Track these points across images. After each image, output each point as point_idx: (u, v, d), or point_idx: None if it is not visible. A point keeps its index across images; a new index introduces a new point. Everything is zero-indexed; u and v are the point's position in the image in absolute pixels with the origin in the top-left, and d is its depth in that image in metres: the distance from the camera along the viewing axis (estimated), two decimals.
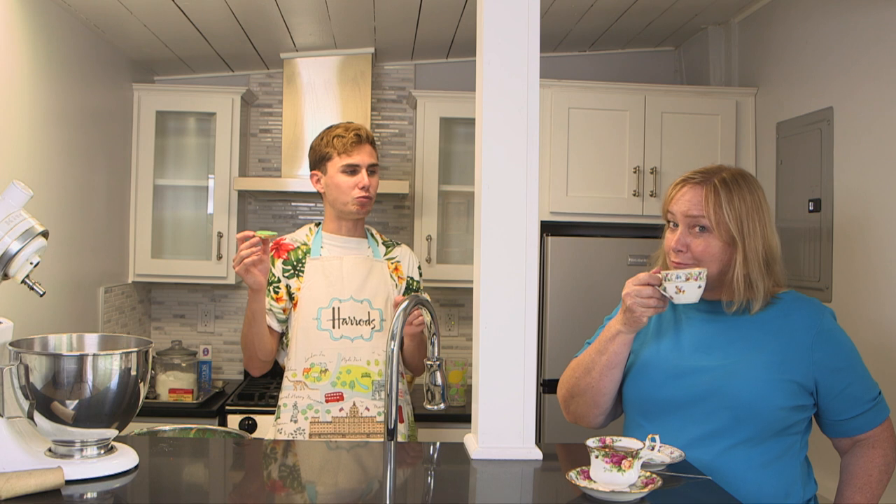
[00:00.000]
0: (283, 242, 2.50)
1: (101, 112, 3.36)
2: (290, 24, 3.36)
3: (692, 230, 1.79)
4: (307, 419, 2.36)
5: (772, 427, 1.75)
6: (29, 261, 1.55)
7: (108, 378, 1.46)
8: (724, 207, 1.76)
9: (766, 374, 1.74)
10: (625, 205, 3.41)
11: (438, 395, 1.89)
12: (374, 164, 2.47)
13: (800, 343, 1.76)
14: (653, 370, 1.86)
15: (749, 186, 1.80)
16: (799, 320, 1.78)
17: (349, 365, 2.37)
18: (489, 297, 1.70)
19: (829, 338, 1.78)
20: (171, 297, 4.07)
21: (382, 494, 1.57)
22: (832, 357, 1.76)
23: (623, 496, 1.44)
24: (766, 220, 1.80)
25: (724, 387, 1.75)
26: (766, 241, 1.78)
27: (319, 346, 2.38)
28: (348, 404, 2.36)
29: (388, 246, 2.58)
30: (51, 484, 1.38)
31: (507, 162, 1.71)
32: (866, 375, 1.81)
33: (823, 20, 2.94)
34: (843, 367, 1.77)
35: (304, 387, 2.38)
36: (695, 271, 1.73)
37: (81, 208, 3.18)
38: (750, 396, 1.73)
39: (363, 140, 2.46)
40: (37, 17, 2.76)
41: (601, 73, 4.01)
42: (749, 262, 1.76)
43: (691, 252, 1.78)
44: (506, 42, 1.71)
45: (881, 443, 1.80)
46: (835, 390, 1.77)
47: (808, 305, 1.81)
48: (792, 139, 3.12)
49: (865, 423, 1.79)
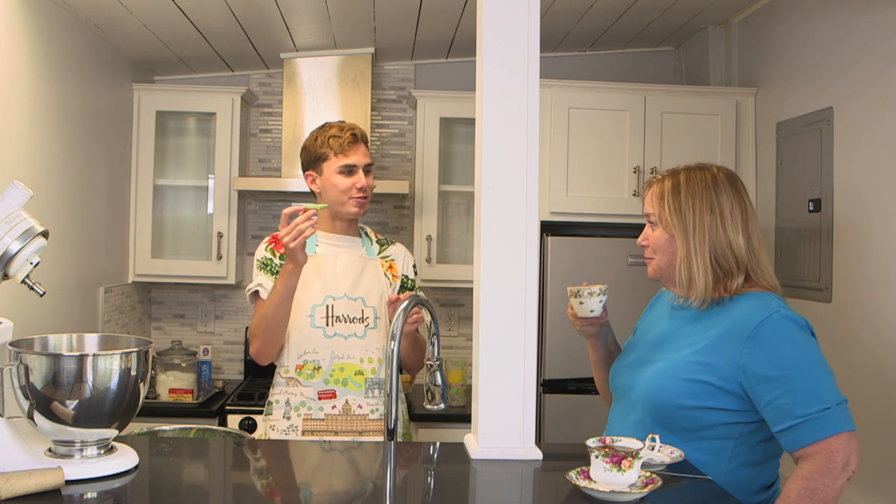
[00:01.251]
0: (280, 237, 2.50)
1: (101, 112, 3.36)
2: (290, 24, 3.36)
3: (649, 226, 1.92)
4: (300, 416, 2.36)
5: (680, 425, 1.75)
6: (29, 261, 1.55)
7: (108, 378, 1.46)
8: (667, 202, 1.83)
9: (681, 372, 1.75)
10: (625, 205, 3.41)
11: (438, 395, 1.89)
12: (369, 163, 2.48)
13: (731, 345, 1.71)
14: (618, 359, 2.02)
15: (707, 185, 1.82)
16: (739, 322, 1.73)
17: (342, 363, 2.37)
18: (489, 297, 1.71)
19: (763, 344, 1.68)
20: (171, 297, 4.07)
21: (382, 494, 1.57)
22: (761, 365, 1.67)
23: (623, 496, 1.44)
24: (719, 219, 1.79)
25: (639, 381, 1.84)
26: (716, 239, 1.78)
27: (312, 343, 2.38)
28: (341, 402, 2.36)
29: (382, 244, 2.57)
30: (51, 484, 1.38)
31: (507, 162, 1.71)
32: (806, 387, 1.63)
33: (823, 20, 2.94)
34: (773, 377, 1.65)
35: (296, 383, 2.38)
36: (591, 288, 1.94)
37: (81, 208, 3.18)
38: (653, 393, 1.79)
39: (359, 140, 2.45)
40: (37, 17, 2.76)
41: (601, 73, 4.01)
42: (690, 256, 1.79)
43: (651, 245, 1.90)
44: (506, 42, 1.71)
45: (811, 464, 1.61)
46: (763, 400, 1.66)
47: (755, 307, 1.73)
48: (792, 139, 3.12)
49: (797, 438, 1.62)
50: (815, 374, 1.66)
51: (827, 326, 2.78)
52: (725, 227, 1.79)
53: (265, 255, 2.47)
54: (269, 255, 2.46)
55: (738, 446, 1.74)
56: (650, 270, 1.92)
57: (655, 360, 1.85)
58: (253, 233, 4.07)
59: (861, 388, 2.48)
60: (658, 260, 1.88)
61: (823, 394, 1.63)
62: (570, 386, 3.33)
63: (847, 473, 1.61)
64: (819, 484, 1.59)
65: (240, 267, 3.88)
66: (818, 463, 1.60)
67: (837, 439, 1.60)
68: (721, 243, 1.79)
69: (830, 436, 1.61)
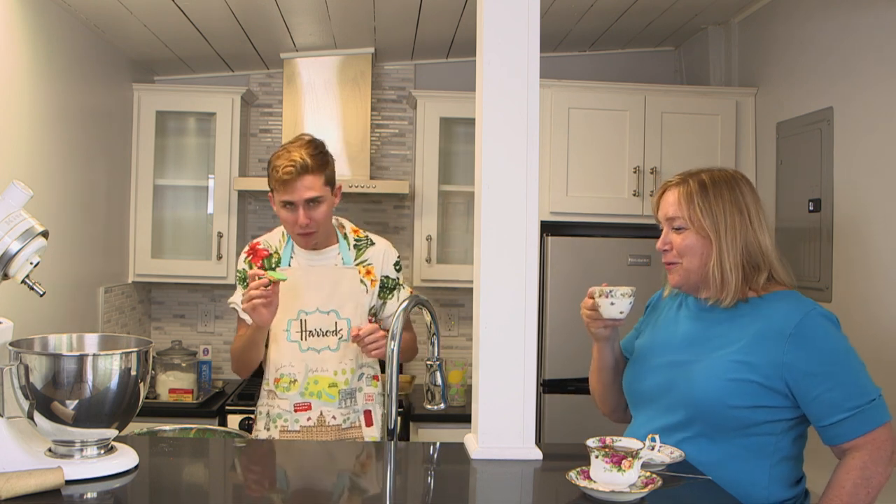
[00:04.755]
0: (258, 248, 2.48)
1: (101, 112, 3.36)
2: (290, 24, 3.36)
3: (672, 232, 1.88)
4: (277, 428, 2.38)
5: (726, 425, 1.76)
6: (29, 261, 1.55)
7: (108, 378, 1.46)
8: (698, 204, 1.83)
9: (725, 372, 1.76)
10: (625, 205, 3.41)
11: (438, 395, 1.89)
12: (313, 197, 2.30)
13: (773, 344, 1.74)
14: (639, 363, 1.97)
15: (731, 185, 1.86)
16: (777, 321, 1.76)
17: (316, 376, 2.38)
18: (489, 297, 1.71)
19: (804, 340, 1.73)
20: (171, 297, 4.07)
21: (382, 494, 1.57)
22: (805, 361, 1.72)
23: (623, 496, 1.44)
24: (748, 218, 1.83)
25: (681, 383, 1.81)
26: (746, 239, 1.82)
27: (288, 357, 2.39)
28: (315, 413, 2.37)
29: (359, 248, 2.50)
30: (51, 484, 1.38)
31: (507, 162, 1.71)
32: (852, 381, 1.71)
33: (824, 20, 2.94)
34: (818, 372, 1.71)
35: (274, 396, 2.40)
36: (623, 289, 1.84)
37: (81, 208, 3.18)
38: (701, 394, 1.77)
39: (299, 172, 2.27)
40: (37, 17, 2.76)
41: (601, 73, 4.01)
42: (723, 257, 1.81)
43: (674, 249, 1.86)
44: (506, 42, 1.71)
45: (864, 454, 1.70)
46: (810, 395, 1.72)
47: (791, 306, 1.78)
48: (792, 139, 3.12)
49: (848, 430, 1.70)
50: (856, 367, 1.73)
51: None
52: (753, 227, 1.83)
53: (242, 268, 2.46)
54: (247, 268, 2.45)
55: (778, 442, 1.78)
56: (677, 277, 1.88)
57: (692, 362, 1.83)
58: (253, 233, 4.06)
59: None
60: (686, 263, 1.85)
61: (867, 386, 1.72)
62: (570, 386, 3.33)
63: (894, 461, 1.71)
64: (873, 472, 1.68)
65: None
66: (871, 452, 1.69)
67: (884, 429, 1.70)
68: (751, 243, 1.82)
69: (879, 426, 1.70)
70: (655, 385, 1.88)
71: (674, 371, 1.85)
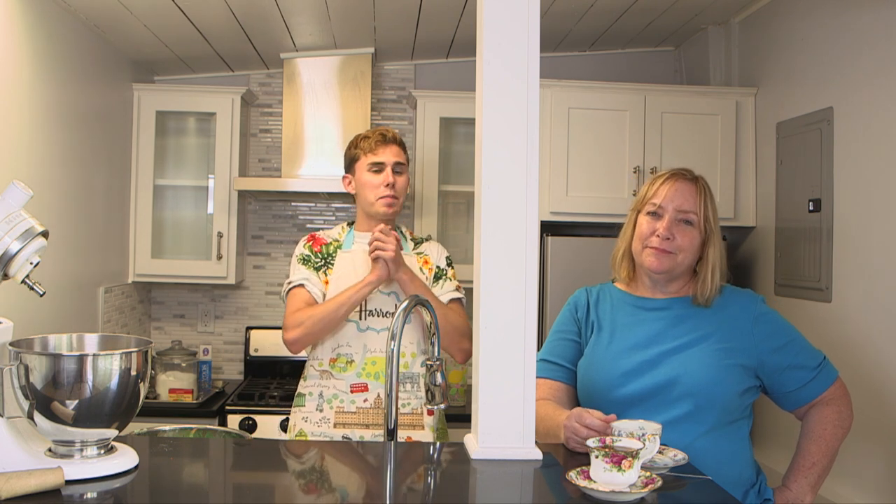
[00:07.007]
0: (317, 236, 2.57)
1: (101, 112, 3.36)
2: (290, 24, 3.36)
3: (679, 222, 1.94)
4: (332, 409, 2.40)
5: (730, 411, 1.86)
6: (29, 261, 1.55)
7: (108, 378, 1.46)
8: (708, 205, 1.95)
9: (717, 360, 1.85)
10: (625, 205, 3.38)
11: (439, 395, 1.90)
12: (400, 162, 2.52)
13: (741, 329, 1.91)
14: (602, 374, 1.93)
15: None
16: (737, 309, 1.94)
17: (374, 356, 2.40)
18: (489, 297, 1.71)
19: (766, 320, 1.93)
20: (171, 297, 4.07)
21: (382, 494, 1.57)
22: (772, 337, 1.91)
23: (623, 496, 1.44)
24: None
25: (683, 375, 1.85)
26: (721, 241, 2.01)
27: (346, 336, 2.42)
28: (373, 395, 2.39)
29: (417, 242, 2.63)
30: (51, 484, 1.38)
31: (507, 162, 1.71)
32: (807, 346, 1.94)
33: (824, 20, 2.94)
34: (784, 344, 1.91)
35: (330, 376, 2.42)
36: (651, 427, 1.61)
37: (81, 208, 3.18)
38: (708, 382, 1.83)
39: (388, 140, 2.52)
40: (37, 17, 2.76)
41: (601, 73, 4.01)
42: (716, 258, 1.95)
43: (677, 241, 1.93)
44: (506, 42, 1.71)
45: (834, 400, 1.92)
46: (781, 366, 1.90)
47: (743, 296, 1.98)
48: (792, 139, 3.12)
49: (816, 387, 1.91)
50: (801, 335, 1.96)
51: (827, 326, 2.78)
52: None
53: (304, 252, 2.53)
54: (308, 252, 2.52)
55: (748, 425, 1.93)
56: (665, 264, 1.93)
57: (679, 356, 1.88)
58: (253, 233, 4.07)
59: (861, 388, 2.47)
60: (682, 258, 1.94)
61: (814, 348, 1.96)
62: None
63: (852, 404, 1.96)
64: (846, 415, 1.93)
65: (240, 267, 3.89)
66: (840, 399, 1.93)
67: (840, 380, 1.95)
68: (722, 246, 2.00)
69: (837, 378, 1.94)
70: (642, 387, 1.89)
71: (663, 368, 1.88)
